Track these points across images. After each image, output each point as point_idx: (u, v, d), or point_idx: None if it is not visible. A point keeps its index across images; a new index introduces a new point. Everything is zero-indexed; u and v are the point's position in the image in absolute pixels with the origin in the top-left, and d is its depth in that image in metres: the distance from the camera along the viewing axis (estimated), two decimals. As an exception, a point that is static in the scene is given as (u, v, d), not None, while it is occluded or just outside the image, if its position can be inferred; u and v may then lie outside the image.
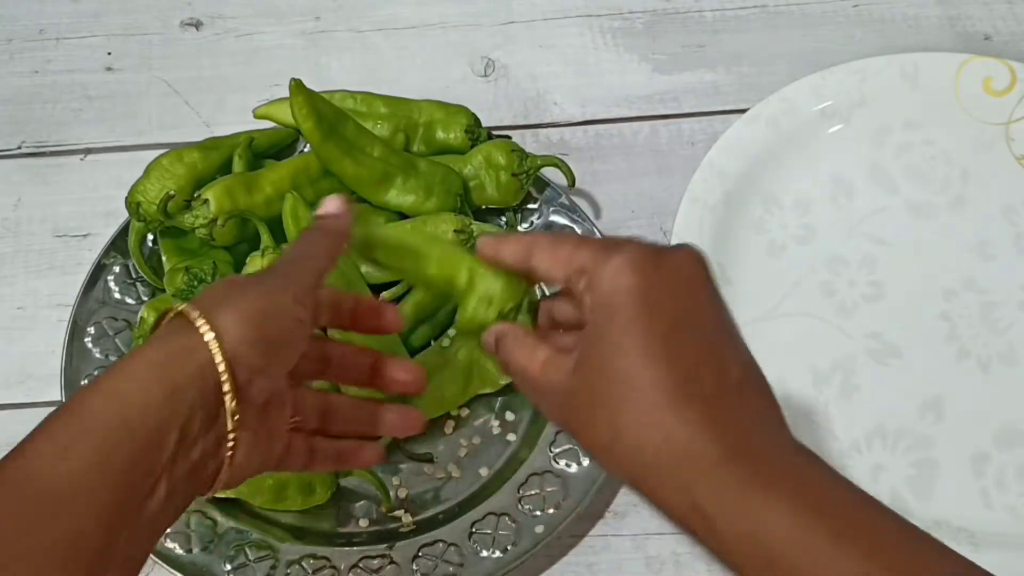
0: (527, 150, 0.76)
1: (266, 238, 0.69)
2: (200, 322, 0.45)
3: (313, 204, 0.71)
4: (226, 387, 0.45)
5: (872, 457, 0.69)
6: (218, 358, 0.45)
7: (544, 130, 0.84)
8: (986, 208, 0.79)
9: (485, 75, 0.87)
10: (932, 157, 0.80)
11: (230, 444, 0.46)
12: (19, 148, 0.84)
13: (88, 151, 0.83)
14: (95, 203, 0.80)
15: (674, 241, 0.75)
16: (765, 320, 0.74)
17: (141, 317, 0.70)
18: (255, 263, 0.68)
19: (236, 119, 0.80)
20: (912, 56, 0.83)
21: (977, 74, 0.82)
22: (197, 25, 0.90)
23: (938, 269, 0.77)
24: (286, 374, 0.50)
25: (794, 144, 0.80)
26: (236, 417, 0.46)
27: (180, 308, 0.47)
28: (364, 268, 0.72)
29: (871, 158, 0.80)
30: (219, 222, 0.69)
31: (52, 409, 0.71)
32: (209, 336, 0.45)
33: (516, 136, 0.80)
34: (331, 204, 0.54)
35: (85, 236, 0.79)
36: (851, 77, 0.82)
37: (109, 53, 0.88)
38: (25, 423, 0.71)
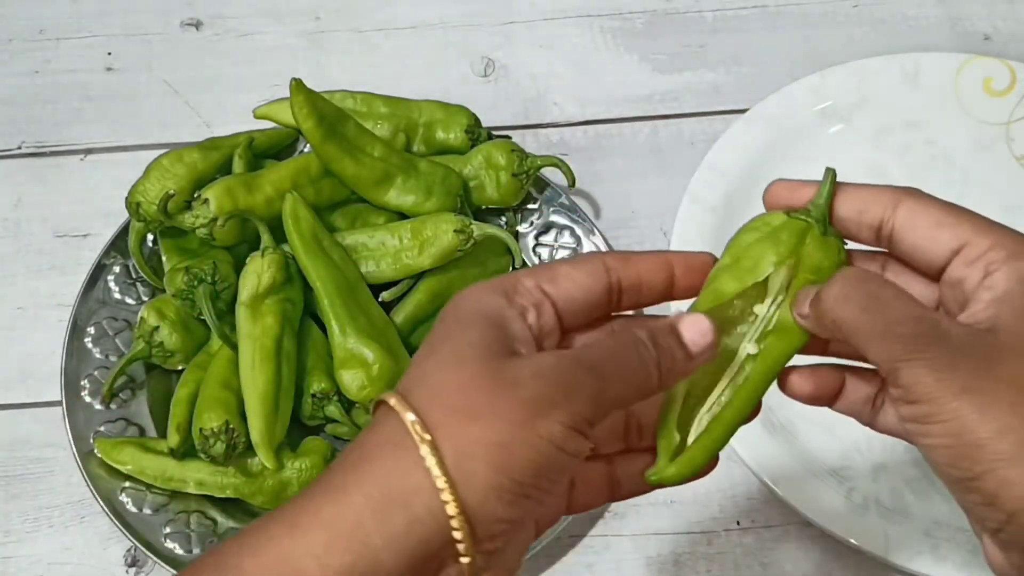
0: (527, 150, 0.76)
1: (266, 238, 0.69)
2: (428, 456, 0.36)
3: (314, 204, 0.72)
4: (462, 548, 0.36)
5: (872, 457, 0.69)
6: (451, 510, 0.36)
7: (544, 130, 0.84)
8: (986, 208, 0.77)
9: (485, 75, 0.87)
10: (932, 157, 0.80)
11: None
12: (19, 148, 0.84)
13: (88, 151, 0.83)
14: (95, 203, 0.80)
15: (673, 241, 0.75)
16: (765, 320, 0.74)
17: (141, 317, 0.70)
18: (255, 263, 0.68)
19: (236, 119, 0.80)
20: (912, 56, 0.83)
21: (977, 74, 0.82)
22: (197, 25, 0.90)
23: (938, 269, 0.77)
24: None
25: (794, 144, 0.80)
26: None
27: (393, 402, 0.37)
28: (364, 269, 0.72)
29: (871, 158, 0.80)
30: (219, 222, 0.69)
31: (52, 407, 0.70)
32: (441, 482, 0.36)
33: (516, 136, 0.80)
34: (696, 327, 0.41)
35: (85, 236, 0.79)
36: (851, 77, 0.82)
37: (109, 53, 0.88)
38: (25, 423, 0.72)
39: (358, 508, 0.36)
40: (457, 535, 0.36)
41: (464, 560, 0.37)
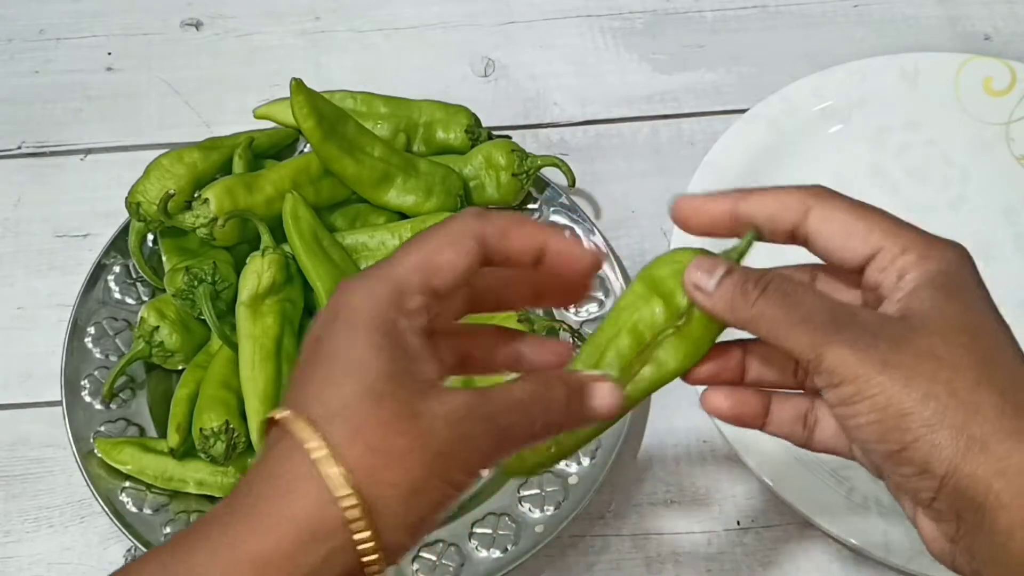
0: (527, 150, 0.76)
1: (266, 238, 0.69)
2: (345, 495, 0.38)
3: (314, 204, 0.72)
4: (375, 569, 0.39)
5: (872, 457, 0.69)
6: (369, 547, 0.38)
7: (544, 130, 0.84)
8: (986, 208, 0.79)
9: (485, 75, 0.87)
10: (932, 157, 0.80)
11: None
12: (19, 148, 0.84)
13: (88, 151, 0.83)
14: (95, 203, 0.80)
15: (673, 240, 0.75)
16: (765, 320, 0.74)
17: (141, 317, 0.70)
18: (255, 263, 0.68)
19: (236, 119, 0.80)
20: (912, 56, 0.83)
21: (977, 74, 0.82)
22: (197, 25, 0.90)
23: (938, 269, 0.76)
24: None
25: (794, 144, 0.80)
26: None
27: (311, 445, 0.39)
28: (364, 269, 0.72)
29: (871, 158, 0.80)
30: (219, 222, 0.69)
31: (52, 407, 0.70)
32: (360, 522, 0.38)
33: (516, 136, 0.80)
34: (607, 395, 0.45)
35: (85, 236, 0.79)
36: (851, 77, 0.82)
37: (109, 53, 0.88)
38: (25, 423, 0.72)
39: (283, 543, 0.38)
40: (374, 568, 0.39)
41: None
